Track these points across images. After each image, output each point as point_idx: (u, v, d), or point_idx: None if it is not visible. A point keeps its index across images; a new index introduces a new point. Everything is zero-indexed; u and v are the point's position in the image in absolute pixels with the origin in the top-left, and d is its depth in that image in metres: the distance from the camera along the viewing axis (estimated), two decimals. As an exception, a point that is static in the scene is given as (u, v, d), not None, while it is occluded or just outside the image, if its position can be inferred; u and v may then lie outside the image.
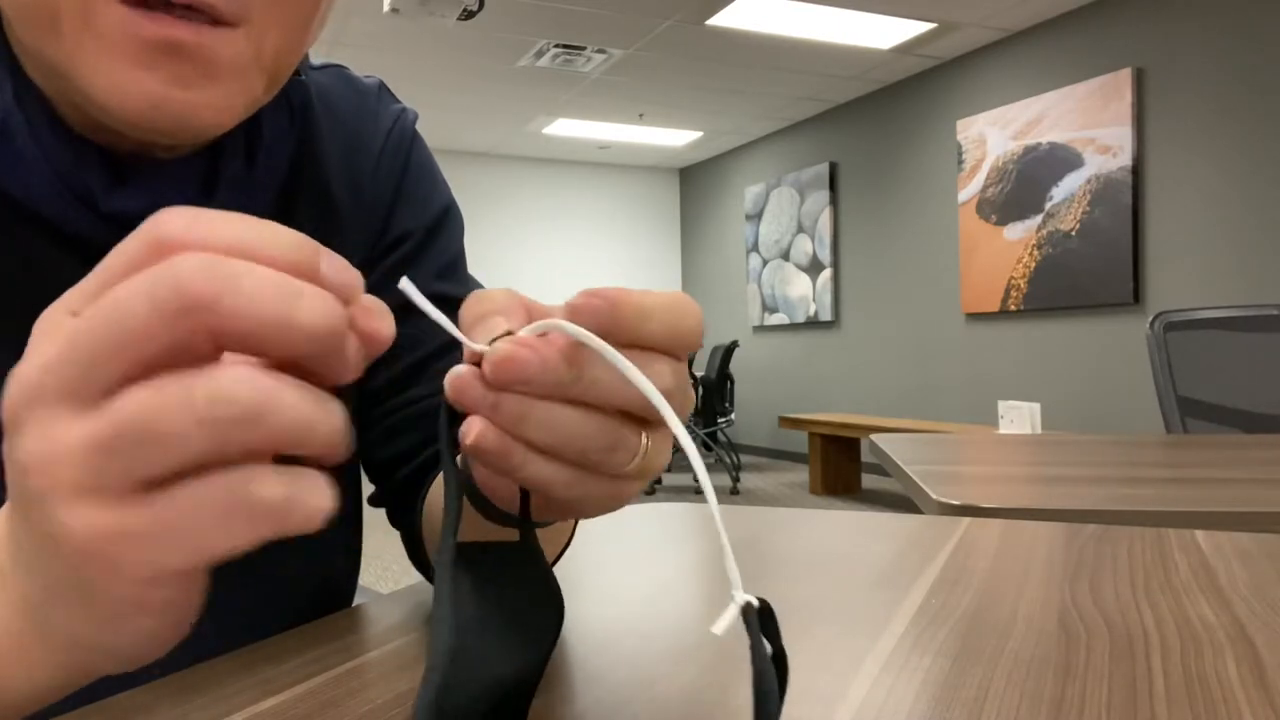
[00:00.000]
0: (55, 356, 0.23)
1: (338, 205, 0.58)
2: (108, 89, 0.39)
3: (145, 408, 0.23)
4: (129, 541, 0.24)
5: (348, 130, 0.59)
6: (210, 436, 0.23)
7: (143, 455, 0.23)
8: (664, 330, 0.29)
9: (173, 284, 0.22)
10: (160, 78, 0.39)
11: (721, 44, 5.52)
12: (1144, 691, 0.37)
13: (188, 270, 0.23)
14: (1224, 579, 0.56)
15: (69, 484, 0.23)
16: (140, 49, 0.39)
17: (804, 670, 0.41)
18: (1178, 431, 1.80)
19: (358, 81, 0.62)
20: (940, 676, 0.40)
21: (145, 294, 0.23)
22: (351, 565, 0.66)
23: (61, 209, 0.45)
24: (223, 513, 0.23)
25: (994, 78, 5.59)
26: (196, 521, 0.23)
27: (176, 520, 0.23)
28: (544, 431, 0.28)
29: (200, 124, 0.41)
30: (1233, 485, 0.97)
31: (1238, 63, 4.29)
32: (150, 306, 0.22)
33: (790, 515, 0.80)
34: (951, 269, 5.93)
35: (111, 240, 0.47)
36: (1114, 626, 0.46)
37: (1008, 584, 0.55)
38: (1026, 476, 1.07)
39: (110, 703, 0.39)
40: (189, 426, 0.22)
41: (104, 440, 0.23)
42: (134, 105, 0.39)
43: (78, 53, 0.39)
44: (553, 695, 0.39)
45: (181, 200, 0.47)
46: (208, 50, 0.40)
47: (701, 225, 8.89)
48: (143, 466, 0.23)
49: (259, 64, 0.43)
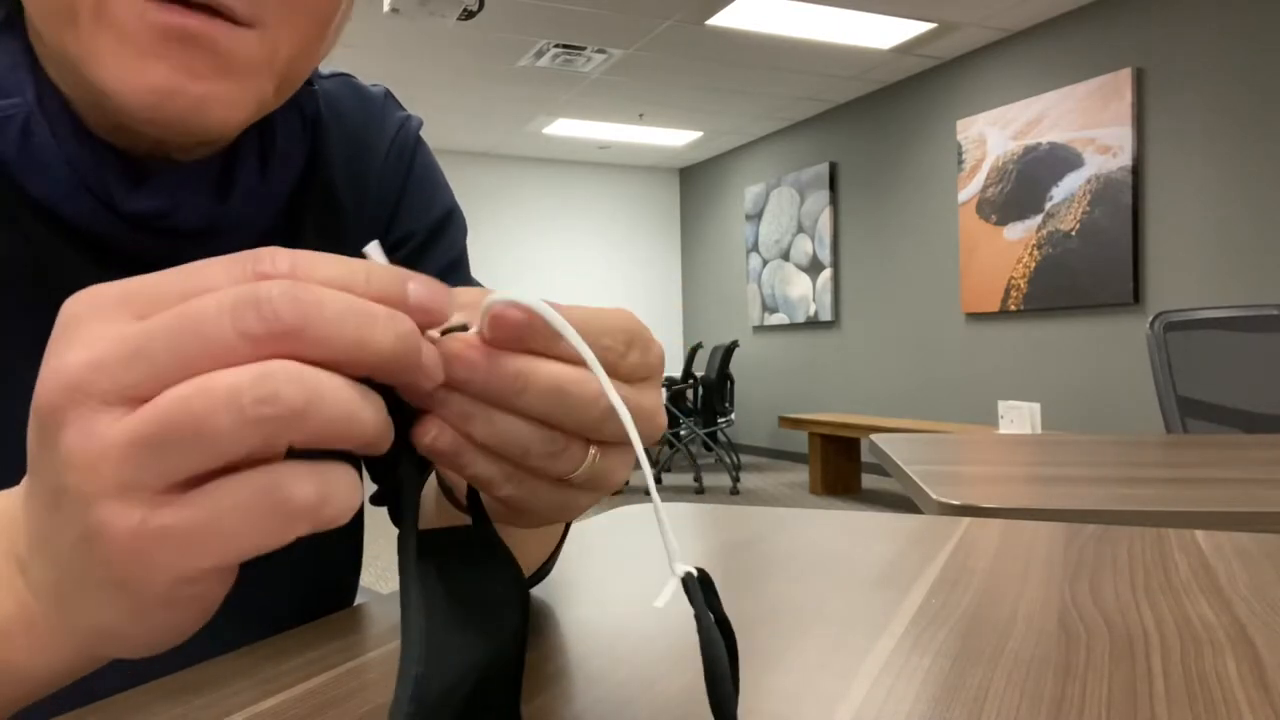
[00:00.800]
0: (111, 356, 0.23)
1: (343, 208, 0.59)
2: (118, 78, 0.39)
3: (193, 407, 0.23)
4: (167, 541, 0.24)
5: (353, 136, 0.60)
6: (258, 435, 0.23)
7: (187, 454, 0.23)
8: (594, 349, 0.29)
9: (254, 305, 0.23)
10: (170, 66, 0.39)
11: (721, 44, 5.52)
12: (1144, 691, 0.37)
13: (271, 294, 0.23)
14: (1224, 579, 0.56)
15: (111, 482, 0.23)
16: (152, 37, 0.39)
17: (804, 670, 0.41)
18: (1178, 431, 1.80)
19: (364, 89, 0.63)
20: (940, 676, 0.40)
21: (228, 310, 0.23)
22: (352, 565, 0.66)
23: (79, 208, 0.46)
24: (259, 512, 0.24)
25: (994, 78, 5.59)
26: (233, 521, 0.24)
27: (213, 520, 0.24)
28: (486, 429, 0.28)
29: (209, 119, 0.41)
30: (1233, 485, 0.97)
31: (1238, 63, 4.29)
32: (230, 325, 0.23)
33: (790, 515, 0.80)
34: (951, 269, 5.93)
35: (127, 240, 0.48)
36: (1114, 626, 0.46)
37: (1008, 584, 0.55)
38: (1026, 476, 1.07)
39: (110, 703, 0.39)
40: (237, 427, 0.22)
41: (150, 438, 0.23)
42: (143, 95, 0.40)
43: (93, 44, 0.39)
44: (553, 695, 0.39)
45: (197, 202, 0.48)
46: (219, 43, 0.40)
47: (701, 225, 8.89)
48: (186, 466, 0.23)
49: (271, 67, 0.43)
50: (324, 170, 0.58)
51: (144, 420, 0.23)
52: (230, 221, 0.50)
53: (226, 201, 0.49)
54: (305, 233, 0.57)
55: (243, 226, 0.51)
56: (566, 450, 0.29)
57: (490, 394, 0.28)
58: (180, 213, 0.47)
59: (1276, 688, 0.38)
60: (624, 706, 0.37)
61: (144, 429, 0.23)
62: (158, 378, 0.23)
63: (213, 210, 0.48)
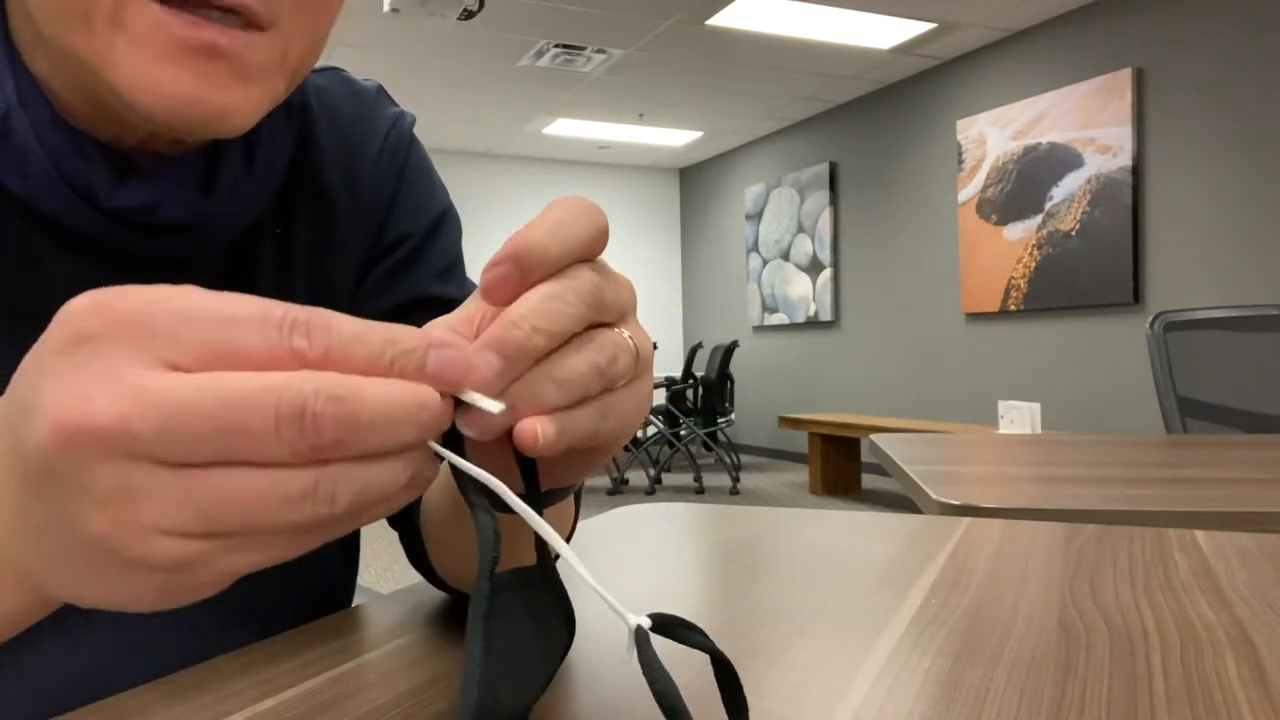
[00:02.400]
0: (147, 421, 0.23)
1: (335, 205, 0.58)
2: (140, 86, 0.39)
3: (245, 500, 0.24)
4: (199, 564, 0.25)
5: (345, 131, 0.60)
6: (310, 525, 0.25)
7: (232, 525, 0.24)
8: (572, 247, 0.30)
9: (298, 419, 0.24)
10: (192, 76, 0.39)
11: (721, 44, 5.52)
12: (1144, 691, 0.37)
13: (316, 408, 0.24)
14: (1224, 579, 0.56)
15: (151, 525, 0.24)
16: (172, 48, 0.39)
17: (804, 670, 0.41)
18: (1178, 431, 1.80)
19: (356, 84, 0.63)
20: (940, 676, 0.40)
21: (271, 415, 0.23)
22: (348, 566, 0.66)
23: (61, 205, 0.45)
24: (296, 532, 0.25)
25: (994, 78, 5.59)
26: (267, 542, 0.25)
27: (248, 544, 0.25)
28: (558, 390, 0.29)
29: (229, 126, 0.42)
30: (1233, 485, 0.97)
31: (1238, 63, 4.29)
32: (275, 432, 0.24)
33: (790, 515, 0.80)
34: (951, 269, 5.93)
35: (111, 235, 0.47)
36: (1114, 626, 0.46)
37: (1008, 584, 0.55)
38: (1026, 476, 1.07)
39: (110, 703, 0.39)
40: (284, 520, 0.24)
41: (197, 508, 0.24)
42: (165, 102, 0.39)
43: (109, 50, 0.39)
44: (553, 695, 0.39)
45: (181, 198, 0.47)
46: (241, 54, 0.40)
47: (701, 225, 8.89)
48: (230, 529, 0.24)
49: (284, 67, 0.43)
50: (314, 164, 0.57)
51: (195, 496, 0.24)
52: (215, 217, 0.49)
53: (211, 196, 0.48)
54: (295, 232, 0.56)
55: (228, 221, 0.50)
56: (614, 345, 0.30)
57: (527, 359, 0.28)
58: (164, 209, 0.47)
59: (1276, 688, 0.38)
60: (625, 706, 0.37)
61: (192, 501, 0.24)
62: (196, 455, 0.24)
63: (197, 205, 0.48)
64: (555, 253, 0.29)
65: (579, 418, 0.30)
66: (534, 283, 0.29)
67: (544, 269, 0.29)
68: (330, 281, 0.58)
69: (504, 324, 0.28)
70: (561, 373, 0.29)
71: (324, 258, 0.57)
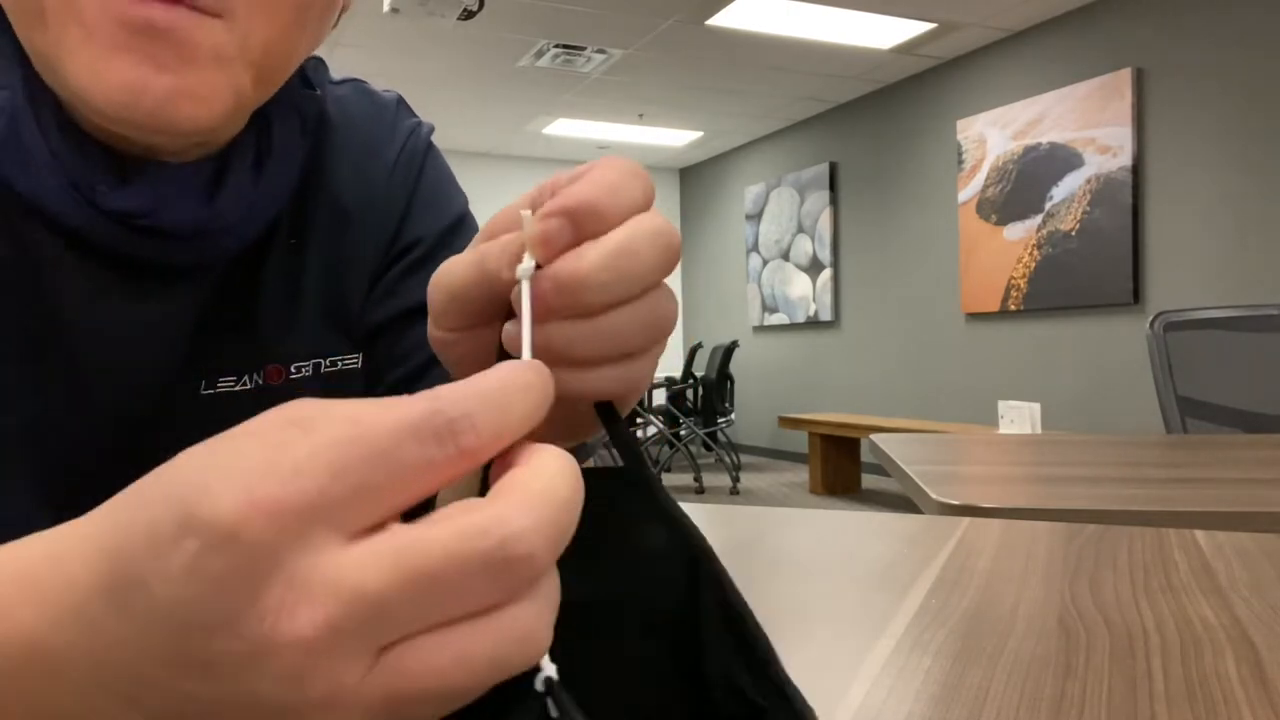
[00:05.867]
0: (350, 622, 0.21)
1: (350, 214, 0.58)
2: (87, 75, 0.39)
3: (435, 674, 0.21)
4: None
5: (363, 139, 0.60)
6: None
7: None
8: (629, 216, 0.29)
9: (497, 572, 0.21)
10: (135, 59, 0.39)
11: (721, 44, 5.52)
12: (1144, 691, 0.37)
13: (518, 551, 0.21)
14: (1224, 579, 0.56)
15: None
16: (117, 30, 0.39)
17: (804, 670, 0.41)
18: (1178, 431, 1.80)
19: (376, 95, 0.63)
20: (940, 676, 0.40)
21: (476, 574, 0.21)
22: None
23: (64, 205, 0.45)
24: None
25: (994, 78, 5.59)
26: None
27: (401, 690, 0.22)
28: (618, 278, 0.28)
29: (181, 115, 0.41)
30: (1233, 485, 0.97)
31: (1238, 63, 4.29)
32: (477, 588, 0.21)
33: (790, 515, 0.80)
34: (951, 269, 5.93)
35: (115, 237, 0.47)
36: (1114, 626, 0.46)
37: (1007, 584, 0.55)
38: (1026, 476, 1.07)
39: None
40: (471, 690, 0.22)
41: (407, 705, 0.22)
42: (111, 92, 0.39)
43: (62, 41, 0.39)
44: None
45: (184, 203, 0.47)
46: (183, 33, 0.40)
47: (701, 225, 8.89)
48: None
49: (245, 57, 0.42)
50: (329, 173, 0.57)
51: (399, 690, 0.21)
52: (220, 224, 0.49)
53: (215, 201, 0.48)
54: (309, 244, 0.56)
55: (234, 230, 0.50)
56: (659, 235, 0.29)
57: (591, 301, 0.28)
58: (165, 213, 0.46)
59: (1276, 688, 0.38)
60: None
61: (399, 695, 0.22)
62: (399, 634, 0.21)
63: (200, 211, 0.48)
64: (612, 220, 0.29)
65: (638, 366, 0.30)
66: (582, 241, 0.29)
67: (596, 234, 0.29)
68: (343, 295, 0.58)
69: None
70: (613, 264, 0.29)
71: (339, 271, 0.57)
